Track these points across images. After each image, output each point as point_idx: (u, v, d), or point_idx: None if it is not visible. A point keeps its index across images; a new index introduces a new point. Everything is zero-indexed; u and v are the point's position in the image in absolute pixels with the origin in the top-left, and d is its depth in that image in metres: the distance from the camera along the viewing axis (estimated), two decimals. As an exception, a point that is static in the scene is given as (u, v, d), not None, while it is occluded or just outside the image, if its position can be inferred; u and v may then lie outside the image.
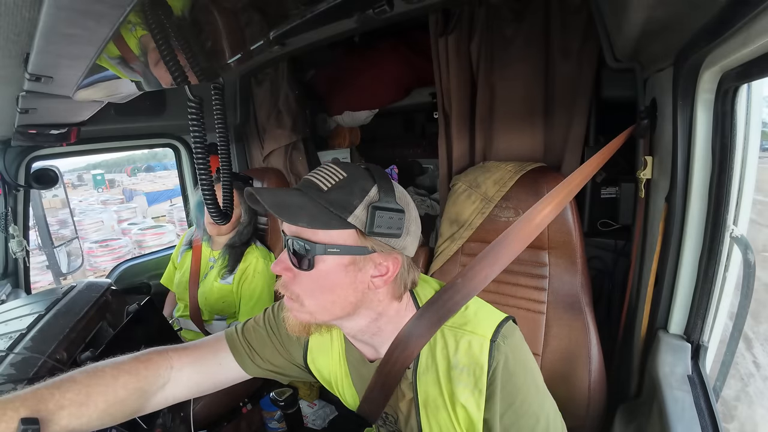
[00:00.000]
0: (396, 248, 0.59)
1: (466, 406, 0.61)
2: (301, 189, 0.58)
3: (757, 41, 0.48)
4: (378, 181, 0.59)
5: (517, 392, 0.61)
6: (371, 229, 0.56)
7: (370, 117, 2.23)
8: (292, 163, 1.94)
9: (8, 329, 0.93)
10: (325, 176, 0.58)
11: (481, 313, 0.66)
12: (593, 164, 0.89)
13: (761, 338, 2.64)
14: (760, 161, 0.73)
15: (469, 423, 0.62)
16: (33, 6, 0.44)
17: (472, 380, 0.61)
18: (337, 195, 0.57)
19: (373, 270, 0.60)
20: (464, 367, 0.61)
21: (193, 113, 0.89)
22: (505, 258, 0.74)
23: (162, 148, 2.18)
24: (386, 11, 0.55)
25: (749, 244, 0.72)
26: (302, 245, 0.56)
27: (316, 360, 0.79)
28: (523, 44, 1.20)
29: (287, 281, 0.61)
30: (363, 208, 0.56)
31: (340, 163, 0.62)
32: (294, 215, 0.55)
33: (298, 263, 0.58)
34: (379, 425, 0.77)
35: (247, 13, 0.58)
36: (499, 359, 0.60)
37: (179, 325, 1.71)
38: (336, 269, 0.58)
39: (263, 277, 1.55)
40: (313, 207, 0.56)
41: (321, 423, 1.85)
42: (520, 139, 1.28)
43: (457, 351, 0.62)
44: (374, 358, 0.71)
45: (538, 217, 0.79)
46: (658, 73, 0.86)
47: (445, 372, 0.63)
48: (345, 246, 0.57)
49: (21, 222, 1.60)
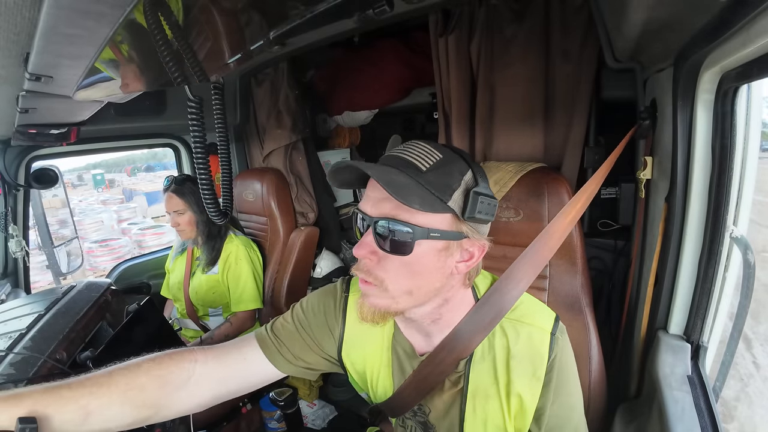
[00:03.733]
0: (483, 234, 0.60)
1: (522, 394, 0.63)
2: (398, 168, 0.55)
3: (757, 41, 0.48)
4: (471, 165, 0.58)
5: (567, 384, 0.65)
6: (471, 214, 0.55)
7: (370, 117, 2.23)
8: (292, 163, 1.95)
9: (8, 329, 0.92)
10: (421, 155, 0.56)
11: (533, 306, 0.68)
12: (607, 166, 0.89)
13: (761, 338, 2.64)
14: (760, 161, 0.73)
15: (520, 412, 0.64)
16: (33, 6, 0.44)
17: (531, 369, 0.63)
18: (436, 177, 0.55)
19: (458, 255, 0.59)
20: (525, 356, 0.63)
21: (193, 113, 0.89)
22: (543, 256, 0.73)
23: (162, 148, 2.18)
24: (386, 11, 0.54)
25: (749, 244, 0.72)
26: (402, 228, 0.54)
27: (352, 352, 0.76)
28: (523, 44, 1.20)
29: (370, 266, 0.58)
30: (461, 192, 0.56)
31: (429, 141, 0.60)
32: (406, 196, 0.51)
33: (391, 247, 0.55)
34: (406, 417, 0.76)
35: (247, 13, 0.58)
36: (557, 351, 0.63)
37: (179, 324, 1.72)
38: (429, 253, 0.56)
39: (246, 263, 1.64)
40: (418, 188, 0.53)
41: (321, 423, 1.85)
42: (520, 139, 1.28)
43: (518, 341, 0.64)
44: (424, 350, 0.70)
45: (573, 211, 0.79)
46: (658, 73, 0.86)
47: (504, 361, 0.64)
48: (443, 230, 0.56)
49: (21, 222, 1.60)
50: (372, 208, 0.57)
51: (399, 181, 0.52)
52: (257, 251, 1.75)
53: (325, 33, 1.32)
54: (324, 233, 2.06)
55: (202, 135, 0.92)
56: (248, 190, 1.88)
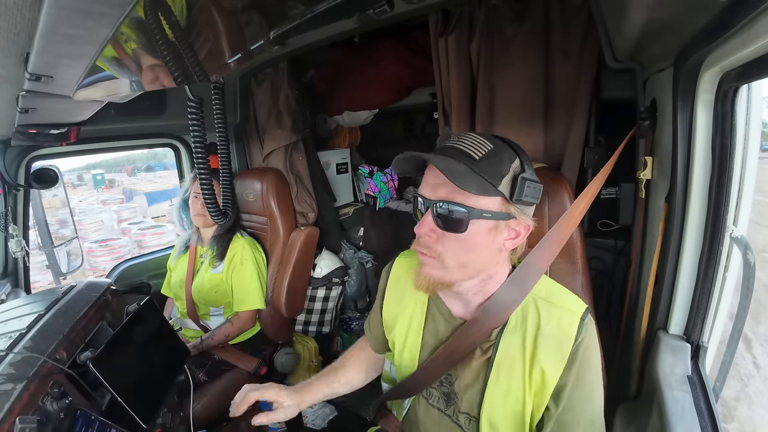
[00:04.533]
0: (528, 215, 0.67)
1: (545, 369, 0.67)
2: (454, 157, 0.63)
3: (757, 42, 0.48)
4: (519, 154, 0.66)
5: (589, 370, 0.68)
6: (518, 197, 0.63)
7: (370, 117, 2.23)
8: (292, 163, 1.94)
9: (8, 329, 0.92)
10: (474, 145, 0.64)
11: (568, 295, 0.74)
12: (608, 167, 0.91)
13: (761, 338, 2.64)
14: (760, 161, 0.73)
15: (541, 387, 0.68)
16: (33, 6, 0.44)
17: (558, 347, 0.67)
18: (489, 164, 0.62)
19: (506, 234, 0.67)
20: (553, 335, 0.68)
21: (193, 113, 0.89)
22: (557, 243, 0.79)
23: (162, 148, 2.18)
24: (386, 11, 0.55)
25: (749, 244, 0.72)
26: (458, 209, 0.62)
27: (390, 302, 0.88)
28: (523, 44, 1.20)
29: (430, 242, 0.67)
30: (510, 178, 0.63)
31: (482, 133, 0.68)
32: (464, 182, 0.60)
33: (449, 225, 0.64)
34: (432, 387, 0.81)
35: (247, 13, 0.58)
36: (584, 336, 0.68)
37: (179, 324, 1.72)
38: (482, 231, 0.64)
39: (252, 264, 1.64)
40: (473, 175, 0.61)
41: (321, 423, 1.85)
42: (520, 139, 1.25)
43: (549, 322, 0.69)
44: (462, 315, 0.77)
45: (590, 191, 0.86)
46: (658, 73, 0.86)
47: (533, 336, 0.69)
48: (494, 211, 0.63)
49: (21, 222, 1.60)
50: (431, 192, 0.65)
51: (457, 169, 0.61)
52: (262, 252, 1.75)
53: (325, 33, 1.32)
54: (324, 233, 2.06)
55: (202, 135, 0.92)
56: (248, 190, 1.88)
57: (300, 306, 1.91)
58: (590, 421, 0.69)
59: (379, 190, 2.47)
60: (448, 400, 0.79)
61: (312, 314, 2.11)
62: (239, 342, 1.70)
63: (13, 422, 0.65)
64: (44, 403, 0.74)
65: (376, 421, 1.02)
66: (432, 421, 0.81)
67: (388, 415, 1.01)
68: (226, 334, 1.59)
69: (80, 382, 0.85)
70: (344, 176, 2.36)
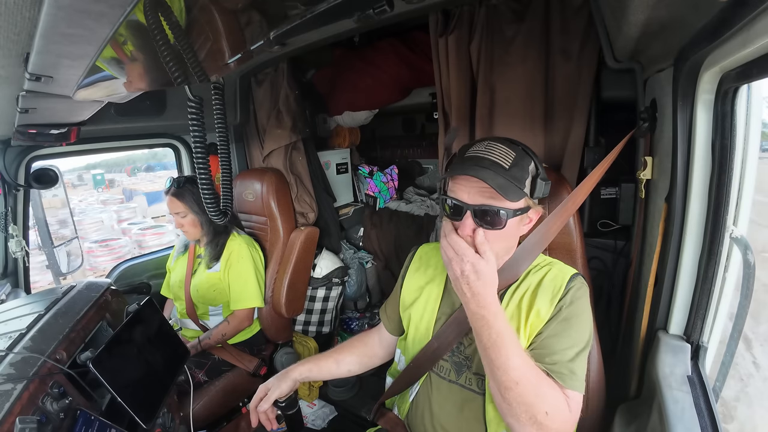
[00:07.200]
0: (539, 205, 0.82)
1: (540, 308, 0.80)
2: (490, 168, 0.74)
3: (757, 42, 0.48)
4: (533, 157, 0.79)
5: (572, 313, 0.79)
6: (538, 195, 0.78)
7: (370, 117, 2.23)
8: (292, 163, 1.94)
9: (8, 329, 0.92)
10: (501, 155, 0.76)
11: (561, 264, 0.89)
12: (609, 160, 0.95)
13: (761, 339, 2.63)
14: (760, 161, 0.73)
15: (537, 323, 0.80)
16: (33, 6, 0.44)
17: (551, 293, 0.81)
18: (516, 171, 0.75)
19: (525, 221, 0.81)
20: (548, 285, 0.82)
21: (193, 113, 0.89)
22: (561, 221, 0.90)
23: (162, 148, 2.18)
24: (386, 11, 0.54)
25: (749, 244, 0.72)
26: (500, 210, 0.74)
27: (411, 280, 0.99)
28: (523, 45, 1.20)
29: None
30: (530, 180, 0.77)
31: (499, 138, 0.80)
32: (507, 193, 0.72)
33: (492, 224, 0.75)
34: (443, 359, 0.90)
35: (247, 13, 0.58)
36: (572, 287, 0.81)
37: (178, 325, 1.72)
38: (514, 225, 0.78)
39: (248, 261, 1.65)
40: (509, 184, 0.73)
41: (321, 423, 1.85)
42: (520, 139, 1.27)
43: (547, 276, 0.84)
44: None
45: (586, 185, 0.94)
46: (658, 73, 0.86)
47: (534, 288, 0.83)
48: (522, 208, 0.76)
49: (21, 222, 1.60)
50: (468, 197, 0.75)
51: (500, 183, 0.72)
52: (259, 250, 1.75)
53: (325, 33, 1.32)
54: (324, 233, 2.06)
55: (202, 135, 0.92)
56: (248, 190, 1.88)
57: (300, 306, 1.91)
58: (573, 344, 0.77)
59: (379, 190, 2.47)
60: (459, 369, 0.87)
61: (312, 314, 2.11)
62: (239, 342, 1.70)
63: (13, 422, 0.65)
64: (44, 403, 0.74)
65: (376, 421, 1.02)
66: (442, 395, 0.88)
67: (388, 414, 1.01)
68: (223, 333, 1.59)
69: (80, 382, 0.85)
70: (344, 176, 2.36)
